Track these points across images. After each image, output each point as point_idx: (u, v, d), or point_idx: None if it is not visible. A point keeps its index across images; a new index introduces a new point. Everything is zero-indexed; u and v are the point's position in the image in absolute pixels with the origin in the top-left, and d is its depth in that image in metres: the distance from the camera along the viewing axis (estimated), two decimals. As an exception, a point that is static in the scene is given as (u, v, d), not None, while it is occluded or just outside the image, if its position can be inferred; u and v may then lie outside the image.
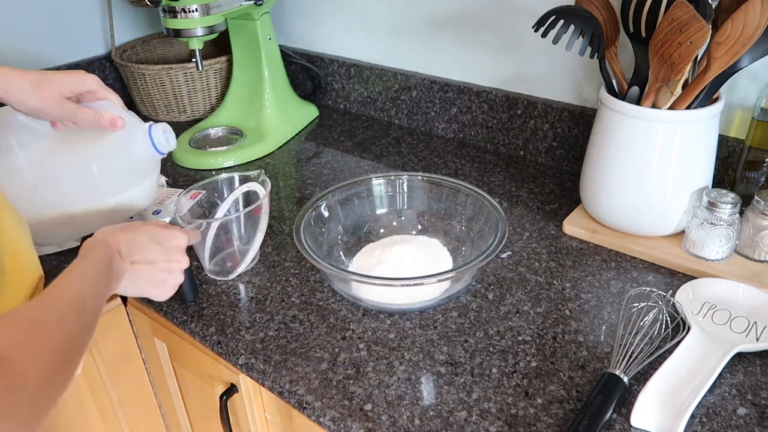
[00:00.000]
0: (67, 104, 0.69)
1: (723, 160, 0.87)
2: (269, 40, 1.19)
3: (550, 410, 0.60)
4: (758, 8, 0.64)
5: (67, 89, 0.69)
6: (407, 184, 0.88)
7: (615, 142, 0.79)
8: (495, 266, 0.81)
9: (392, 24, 1.18)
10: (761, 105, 0.79)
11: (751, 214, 0.76)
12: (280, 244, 0.88)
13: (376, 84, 1.25)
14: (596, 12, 0.79)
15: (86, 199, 0.75)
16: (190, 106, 1.29)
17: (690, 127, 0.75)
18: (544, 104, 1.03)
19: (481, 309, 0.74)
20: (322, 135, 1.23)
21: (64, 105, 0.69)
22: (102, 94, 0.73)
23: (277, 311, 0.75)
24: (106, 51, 1.39)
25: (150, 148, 0.76)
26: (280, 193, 1.02)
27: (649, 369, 0.63)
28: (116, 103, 0.74)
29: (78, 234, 0.83)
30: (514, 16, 1.02)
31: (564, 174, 1.04)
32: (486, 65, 1.09)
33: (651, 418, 0.58)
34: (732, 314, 0.69)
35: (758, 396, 0.61)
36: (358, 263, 0.81)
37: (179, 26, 1.02)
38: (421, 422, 0.60)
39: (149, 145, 0.76)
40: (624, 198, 0.80)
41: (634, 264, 0.80)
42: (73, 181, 0.74)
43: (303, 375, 0.66)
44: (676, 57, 0.69)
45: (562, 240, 0.86)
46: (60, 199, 0.74)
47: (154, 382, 1.00)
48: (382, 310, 0.74)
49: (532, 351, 0.68)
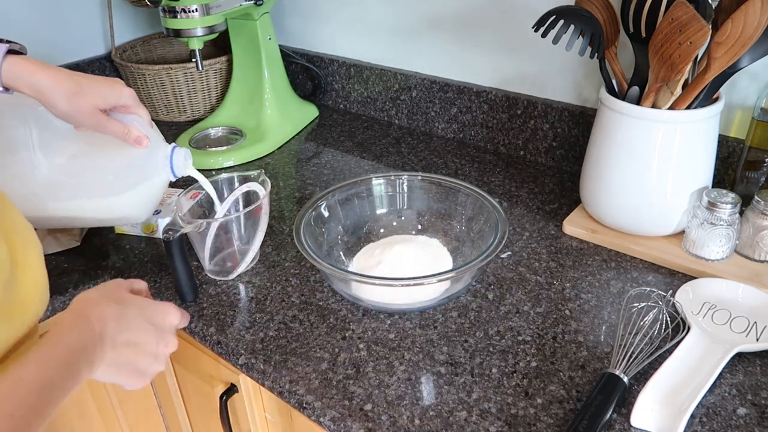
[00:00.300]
0: (99, 116, 0.69)
1: (723, 160, 0.87)
2: (269, 40, 1.19)
3: (550, 410, 0.60)
4: (758, 8, 0.64)
5: (102, 101, 0.69)
6: (407, 184, 0.88)
7: (615, 142, 0.79)
8: (495, 266, 0.81)
9: (392, 24, 1.18)
10: (761, 105, 0.79)
11: (751, 214, 0.76)
12: (280, 244, 0.88)
13: (376, 84, 1.25)
14: (596, 12, 0.79)
15: (92, 206, 0.75)
16: (190, 106, 1.29)
17: (690, 127, 0.75)
18: (544, 104, 1.03)
19: (481, 309, 0.74)
20: (322, 135, 1.23)
21: (95, 116, 0.68)
22: (134, 109, 0.73)
23: (277, 311, 0.75)
24: (106, 51, 1.39)
25: (167, 169, 0.76)
26: (280, 193, 1.02)
27: (649, 369, 0.63)
28: (144, 119, 0.74)
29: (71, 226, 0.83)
30: (514, 16, 1.02)
31: (564, 174, 1.04)
32: (486, 65, 1.09)
33: (651, 418, 0.58)
34: (732, 314, 0.69)
35: (758, 396, 0.61)
36: (358, 263, 0.81)
37: (179, 26, 1.02)
38: (421, 422, 0.60)
39: (167, 166, 0.76)
40: (624, 198, 0.80)
41: (634, 264, 0.80)
42: (85, 188, 0.74)
43: (303, 375, 0.66)
44: (676, 57, 0.69)
45: (562, 240, 0.86)
46: (66, 202, 0.74)
47: (154, 382, 1.00)
48: (382, 310, 0.74)
49: (532, 351, 0.68)
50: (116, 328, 0.55)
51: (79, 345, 0.51)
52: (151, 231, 0.89)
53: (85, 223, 0.80)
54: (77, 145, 0.74)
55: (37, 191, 0.72)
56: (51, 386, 0.47)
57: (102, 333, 0.53)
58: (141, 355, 0.57)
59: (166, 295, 0.79)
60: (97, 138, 0.72)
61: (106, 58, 1.36)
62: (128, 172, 0.74)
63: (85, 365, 0.51)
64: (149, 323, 0.58)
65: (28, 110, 0.73)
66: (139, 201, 0.77)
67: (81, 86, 0.67)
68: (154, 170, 0.75)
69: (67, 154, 0.73)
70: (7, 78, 0.64)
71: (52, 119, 0.70)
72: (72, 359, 0.50)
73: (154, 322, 0.58)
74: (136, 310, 0.57)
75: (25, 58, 0.65)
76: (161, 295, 0.79)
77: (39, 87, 0.65)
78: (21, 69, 0.64)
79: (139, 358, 0.57)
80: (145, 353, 0.57)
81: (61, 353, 0.49)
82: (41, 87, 0.65)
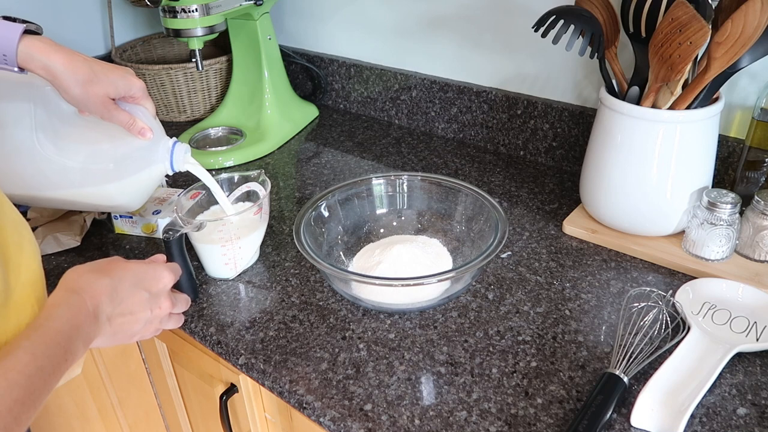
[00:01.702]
0: (109, 104, 0.70)
1: (723, 160, 0.87)
2: (269, 40, 1.19)
3: (550, 410, 0.60)
4: (758, 8, 0.64)
5: (113, 90, 0.70)
6: (407, 184, 0.88)
7: (615, 142, 0.79)
8: (495, 266, 0.81)
9: (392, 24, 1.18)
10: (761, 105, 0.79)
11: (751, 214, 0.76)
12: (280, 244, 0.88)
13: (376, 84, 1.25)
14: (596, 12, 0.79)
15: (88, 192, 0.75)
16: (190, 106, 1.29)
17: (690, 127, 0.75)
18: (544, 104, 1.03)
19: (481, 309, 0.74)
20: (322, 135, 1.23)
21: (105, 104, 0.69)
22: (142, 101, 0.74)
23: (277, 311, 0.75)
24: (106, 51, 1.39)
25: (166, 162, 0.76)
26: (280, 193, 1.02)
27: (649, 369, 0.63)
28: (150, 111, 0.75)
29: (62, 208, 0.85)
30: (514, 16, 1.02)
31: (564, 174, 1.04)
32: (486, 65, 1.09)
33: (651, 418, 0.58)
34: (732, 314, 0.69)
35: (758, 396, 0.61)
36: (358, 263, 0.81)
37: (179, 26, 1.02)
38: (421, 422, 0.60)
39: (167, 159, 0.76)
40: (624, 198, 0.80)
41: (634, 264, 0.80)
42: (85, 174, 0.74)
43: (303, 375, 0.66)
44: (676, 57, 0.69)
45: (562, 240, 0.86)
46: (64, 186, 0.74)
47: (154, 382, 1.00)
48: (382, 310, 0.74)
49: (532, 351, 0.68)
50: (110, 304, 0.55)
51: (73, 326, 0.50)
52: (151, 231, 0.89)
53: (77, 206, 0.81)
54: (79, 130, 0.74)
55: (35, 170, 0.72)
56: (42, 374, 0.46)
57: (96, 309, 0.53)
58: (135, 322, 0.58)
59: (166, 295, 0.79)
60: (101, 125, 0.73)
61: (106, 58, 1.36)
62: (129, 161, 0.75)
63: (81, 344, 0.51)
64: (143, 291, 0.58)
65: (36, 90, 0.73)
66: (134, 190, 0.77)
67: (95, 73, 0.68)
68: (153, 162, 0.76)
69: (69, 137, 0.74)
70: (22, 59, 0.64)
71: (59, 101, 0.71)
72: (64, 343, 0.49)
73: (148, 288, 0.59)
74: (128, 282, 0.57)
75: (41, 38, 0.65)
76: (161, 295, 0.79)
77: (53, 70, 0.65)
78: (37, 50, 0.64)
79: (133, 325, 0.58)
80: (140, 320, 0.58)
81: (53, 339, 0.48)
82: (56, 70, 0.65)
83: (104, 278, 0.55)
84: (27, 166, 0.72)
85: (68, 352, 0.49)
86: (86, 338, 0.52)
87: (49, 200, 0.77)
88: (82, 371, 0.90)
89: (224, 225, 0.76)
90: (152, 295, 0.60)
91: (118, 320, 0.56)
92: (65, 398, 0.89)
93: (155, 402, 1.02)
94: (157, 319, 0.61)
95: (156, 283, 0.60)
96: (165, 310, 0.61)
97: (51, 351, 0.48)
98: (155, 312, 0.60)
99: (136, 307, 0.58)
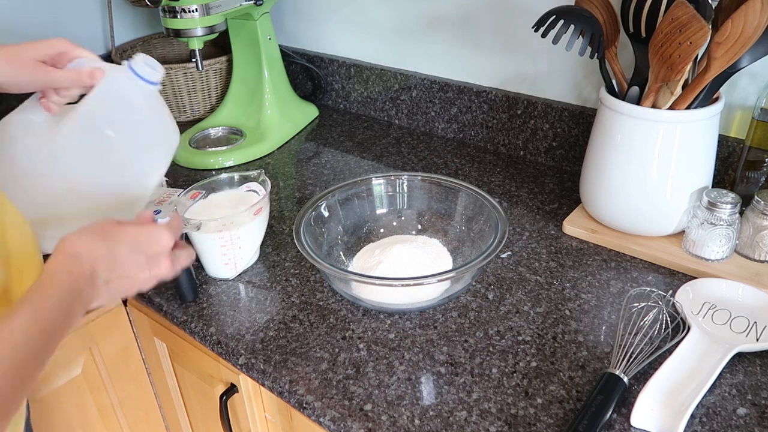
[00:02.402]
0: (42, 67, 0.69)
1: (723, 160, 0.87)
2: (269, 40, 1.19)
3: (550, 410, 0.60)
4: (758, 8, 0.64)
5: (38, 53, 0.69)
6: (407, 184, 0.88)
7: (615, 142, 0.79)
8: (495, 266, 0.81)
9: (392, 24, 1.18)
10: (761, 105, 0.79)
11: (751, 214, 0.76)
12: (280, 244, 0.88)
13: (376, 84, 1.25)
14: (596, 12, 0.79)
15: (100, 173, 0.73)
16: (190, 106, 1.29)
17: (690, 127, 0.75)
18: (544, 104, 1.03)
19: (481, 309, 0.74)
20: (322, 135, 1.23)
21: (38, 68, 0.69)
22: (75, 52, 0.72)
23: (277, 311, 0.75)
24: (106, 51, 1.39)
25: (140, 83, 0.73)
26: (280, 193, 1.02)
27: (649, 369, 0.63)
28: (91, 57, 0.73)
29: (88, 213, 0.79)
30: (514, 16, 1.02)
31: (564, 174, 1.04)
32: (486, 65, 1.09)
33: (651, 418, 0.58)
34: (732, 314, 0.69)
35: (758, 396, 0.61)
36: (358, 263, 0.81)
37: (179, 26, 1.02)
38: (421, 422, 0.60)
39: (137, 79, 0.73)
40: (624, 198, 0.80)
41: (634, 264, 0.80)
42: (84, 149, 0.72)
43: (303, 375, 0.66)
44: (676, 57, 0.69)
45: (562, 240, 0.86)
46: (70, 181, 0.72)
47: (154, 382, 1.00)
48: (382, 310, 0.74)
49: (532, 351, 0.68)
50: (107, 268, 0.54)
51: (72, 290, 0.51)
52: (151, 231, 0.89)
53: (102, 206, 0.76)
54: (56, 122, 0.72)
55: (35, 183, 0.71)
56: (45, 336, 0.47)
57: (93, 274, 0.53)
58: (133, 284, 0.57)
59: (167, 295, 0.79)
60: (71, 106, 0.71)
61: (106, 58, 1.36)
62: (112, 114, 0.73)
63: (79, 307, 0.51)
64: (141, 254, 0.57)
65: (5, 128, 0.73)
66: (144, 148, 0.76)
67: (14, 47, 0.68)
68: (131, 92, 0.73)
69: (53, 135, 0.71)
70: None
71: (27, 117, 0.70)
72: (66, 307, 0.49)
73: (146, 251, 0.58)
74: (126, 245, 0.56)
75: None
76: (161, 295, 0.79)
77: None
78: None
79: (130, 287, 0.57)
80: (137, 282, 0.58)
81: (53, 304, 0.49)
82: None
83: (102, 242, 0.54)
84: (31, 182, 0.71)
85: (69, 316, 0.50)
86: (85, 302, 0.52)
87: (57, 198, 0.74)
88: (82, 371, 0.90)
89: (224, 224, 0.76)
90: (150, 257, 0.58)
91: (115, 283, 0.56)
92: (65, 398, 0.89)
93: (155, 402, 1.02)
94: (155, 278, 0.60)
95: (155, 245, 0.58)
96: (164, 270, 0.60)
97: (52, 315, 0.48)
98: (154, 272, 0.59)
99: (134, 270, 0.57)
